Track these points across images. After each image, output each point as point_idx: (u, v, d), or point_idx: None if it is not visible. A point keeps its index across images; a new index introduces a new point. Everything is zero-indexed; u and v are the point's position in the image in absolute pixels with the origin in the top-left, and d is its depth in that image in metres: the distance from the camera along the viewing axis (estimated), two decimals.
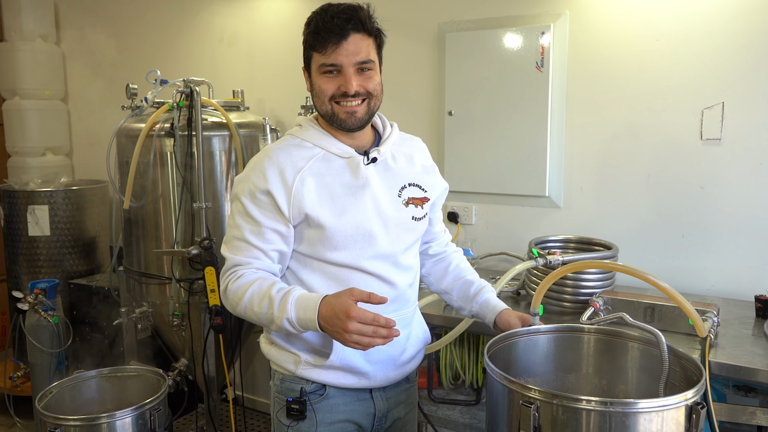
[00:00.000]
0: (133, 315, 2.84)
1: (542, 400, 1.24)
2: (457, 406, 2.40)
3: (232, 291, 1.47)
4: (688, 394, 1.23)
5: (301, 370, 1.54)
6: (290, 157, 1.49)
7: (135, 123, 2.76)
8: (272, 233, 1.47)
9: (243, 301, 1.44)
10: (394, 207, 1.54)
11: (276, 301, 1.41)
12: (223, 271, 1.52)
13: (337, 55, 1.42)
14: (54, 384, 2.08)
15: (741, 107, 2.25)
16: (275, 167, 1.47)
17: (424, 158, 1.68)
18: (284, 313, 1.39)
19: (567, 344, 1.59)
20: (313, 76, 1.48)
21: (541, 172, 2.59)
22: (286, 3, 3.20)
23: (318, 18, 1.44)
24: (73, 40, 4.01)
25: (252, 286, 1.45)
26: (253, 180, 1.48)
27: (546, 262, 2.06)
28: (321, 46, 1.43)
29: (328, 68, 1.44)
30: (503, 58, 2.60)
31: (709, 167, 2.32)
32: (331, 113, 1.48)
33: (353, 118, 1.48)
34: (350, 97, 1.45)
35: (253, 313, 1.45)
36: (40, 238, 3.40)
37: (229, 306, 1.51)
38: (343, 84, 1.44)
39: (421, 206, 1.59)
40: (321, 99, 1.48)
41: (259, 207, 1.46)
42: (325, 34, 1.41)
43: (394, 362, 1.59)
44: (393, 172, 1.56)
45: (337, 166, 1.51)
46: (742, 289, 2.28)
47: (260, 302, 1.43)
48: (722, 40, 2.25)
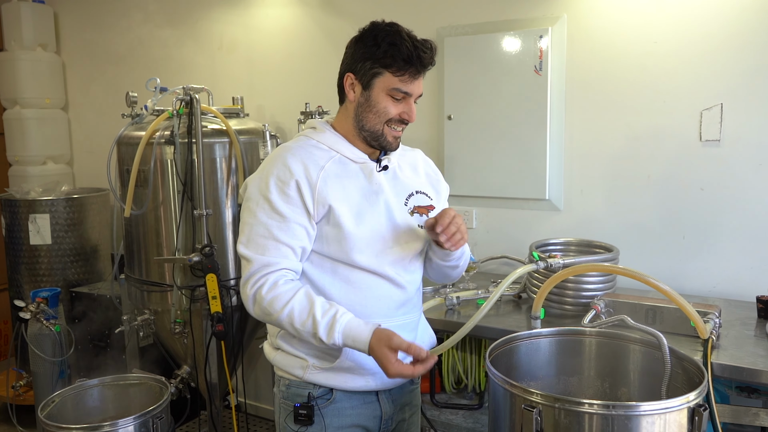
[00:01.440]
0: (135, 323, 2.84)
1: (544, 404, 1.24)
2: (460, 410, 2.39)
3: (267, 300, 1.45)
4: (690, 396, 1.23)
5: (309, 374, 1.55)
6: (311, 156, 1.52)
7: (135, 131, 2.76)
8: (299, 228, 1.48)
9: (281, 314, 1.44)
10: (401, 216, 1.58)
11: (322, 325, 1.42)
12: (249, 274, 1.48)
13: (413, 86, 1.50)
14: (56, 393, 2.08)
15: (740, 108, 2.25)
16: (299, 162, 1.50)
17: (427, 166, 1.72)
18: (331, 339, 1.42)
19: (569, 347, 1.59)
20: (374, 93, 1.50)
21: (541, 176, 2.59)
22: (285, 9, 3.21)
23: (406, 43, 1.46)
24: (73, 48, 4.03)
25: (291, 301, 1.44)
26: (278, 174, 1.49)
27: (547, 265, 2.06)
28: (401, 70, 1.47)
29: (401, 94, 1.49)
30: (502, 62, 2.61)
31: (708, 168, 2.32)
32: (380, 134, 1.53)
33: (396, 143, 1.57)
34: (404, 124, 1.54)
35: (292, 327, 1.45)
36: (41, 246, 3.40)
37: (261, 314, 1.49)
38: (406, 112, 1.52)
39: (427, 215, 1.61)
40: (379, 118, 1.51)
41: (286, 201, 1.47)
42: (416, 62, 1.47)
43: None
44: (400, 181, 1.60)
45: (352, 170, 1.54)
46: (743, 290, 2.28)
47: (303, 321, 1.43)
48: (720, 41, 2.26)
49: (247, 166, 2.75)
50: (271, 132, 2.80)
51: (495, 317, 2.16)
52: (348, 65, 1.53)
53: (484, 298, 2.18)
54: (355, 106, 1.53)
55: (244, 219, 1.52)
